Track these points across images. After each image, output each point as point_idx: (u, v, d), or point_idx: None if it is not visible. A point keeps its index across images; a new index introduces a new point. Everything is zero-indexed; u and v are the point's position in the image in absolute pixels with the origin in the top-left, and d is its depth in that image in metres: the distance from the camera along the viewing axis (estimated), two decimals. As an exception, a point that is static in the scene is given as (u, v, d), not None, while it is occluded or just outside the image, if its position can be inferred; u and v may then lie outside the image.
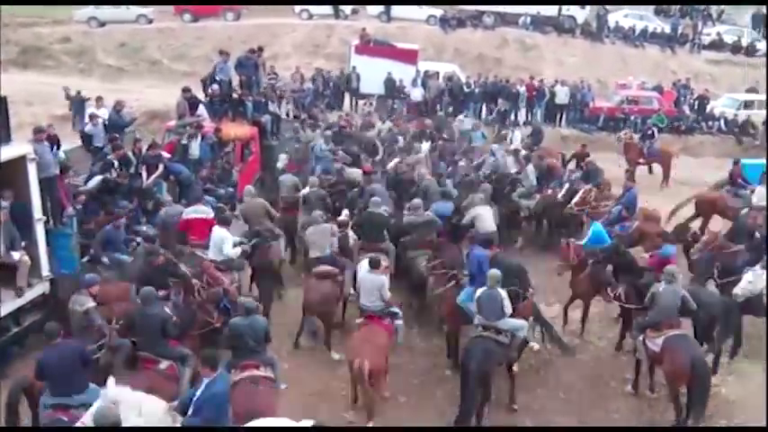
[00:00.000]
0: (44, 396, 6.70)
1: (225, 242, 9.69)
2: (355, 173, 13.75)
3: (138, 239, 10.39)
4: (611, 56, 29.38)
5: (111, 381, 5.99)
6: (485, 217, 11.22)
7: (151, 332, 7.46)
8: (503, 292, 8.33)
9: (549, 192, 14.17)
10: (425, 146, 16.16)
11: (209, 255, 9.70)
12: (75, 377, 6.66)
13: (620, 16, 31.54)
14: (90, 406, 6.01)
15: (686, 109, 24.28)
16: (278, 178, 13.45)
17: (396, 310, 9.13)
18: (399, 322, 9.10)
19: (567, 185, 14.13)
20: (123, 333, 7.84)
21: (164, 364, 7.40)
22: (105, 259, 9.57)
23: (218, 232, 9.77)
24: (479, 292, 8.49)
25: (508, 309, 8.36)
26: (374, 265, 8.97)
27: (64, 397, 6.58)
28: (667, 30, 30.95)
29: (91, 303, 7.71)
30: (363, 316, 8.92)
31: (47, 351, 6.79)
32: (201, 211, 10.51)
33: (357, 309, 9.46)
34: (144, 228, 11.13)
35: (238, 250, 9.86)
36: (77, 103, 18.96)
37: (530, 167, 14.47)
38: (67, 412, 6.52)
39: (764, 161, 16.99)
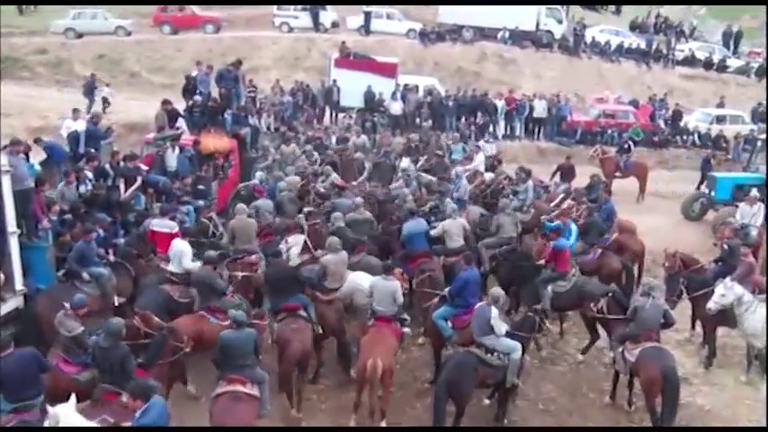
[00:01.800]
0: (1, 403, 6.77)
1: (184, 255, 9.58)
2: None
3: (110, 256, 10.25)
4: (589, 70, 29.81)
5: (72, 398, 6.14)
6: (452, 231, 11.25)
7: (112, 367, 7.09)
8: (494, 311, 8.33)
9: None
10: (406, 162, 16.10)
11: (170, 267, 9.64)
12: (32, 381, 6.85)
13: (596, 31, 32.11)
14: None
15: (661, 123, 24.69)
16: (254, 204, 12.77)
17: (406, 316, 9.29)
18: (407, 330, 9.26)
19: (562, 197, 14.29)
20: None
21: (125, 397, 6.81)
22: (85, 274, 9.43)
23: (178, 244, 9.69)
24: (476, 307, 8.64)
25: (498, 328, 8.31)
26: (387, 271, 9.17)
27: (22, 401, 6.74)
28: (642, 45, 31.53)
29: (80, 329, 7.58)
30: (374, 318, 8.98)
31: (2, 361, 6.83)
32: (167, 225, 10.48)
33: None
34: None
35: (197, 264, 9.58)
36: (88, 87, 20.99)
37: (530, 183, 14.55)
38: (29, 413, 6.73)
39: (736, 175, 17.44)
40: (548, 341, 10.75)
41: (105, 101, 21.68)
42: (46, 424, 6.08)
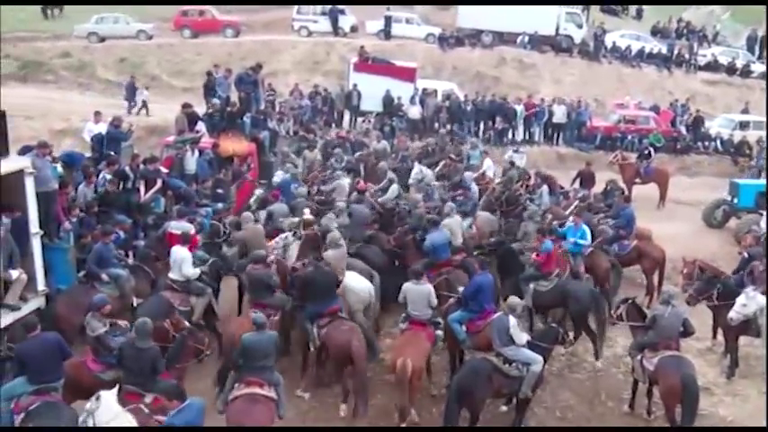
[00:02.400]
0: (19, 384, 6.99)
1: (184, 262, 9.51)
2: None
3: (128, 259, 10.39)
4: (609, 75, 29.59)
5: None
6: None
7: (141, 368, 7.15)
8: (512, 320, 8.28)
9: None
10: (417, 168, 15.79)
11: (170, 274, 9.61)
12: (54, 365, 7.08)
13: (616, 36, 31.84)
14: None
15: (683, 129, 24.42)
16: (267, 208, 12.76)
17: (439, 320, 9.29)
18: (440, 333, 9.25)
19: (575, 203, 14.19)
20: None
21: (149, 398, 7.01)
22: (104, 276, 9.51)
23: (178, 251, 9.61)
24: (494, 317, 8.61)
25: (518, 338, 8.25)
26: (417, 275, 9.17)
27: (44, 383, 6.97)
28: (664, 50, 31.23)
29: (102, 329, 7.70)
30: (409, 322, 9.06)
31: (26, 343, 7.15)
32: (184, 227, 10.44)
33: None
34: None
35: (197, 271, 9.62)
36: (129, 89, 21.61)
37: (545, 188, 14.44)
38: (50, 395, 6.96)
39: (760, 182, 17.15)
40: (565, 348, 10.65)
41: (144, 104, 21.90)
42: (87, 406, 6.31)
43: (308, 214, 11.69)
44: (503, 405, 8.93)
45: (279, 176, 14.83)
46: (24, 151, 10.03)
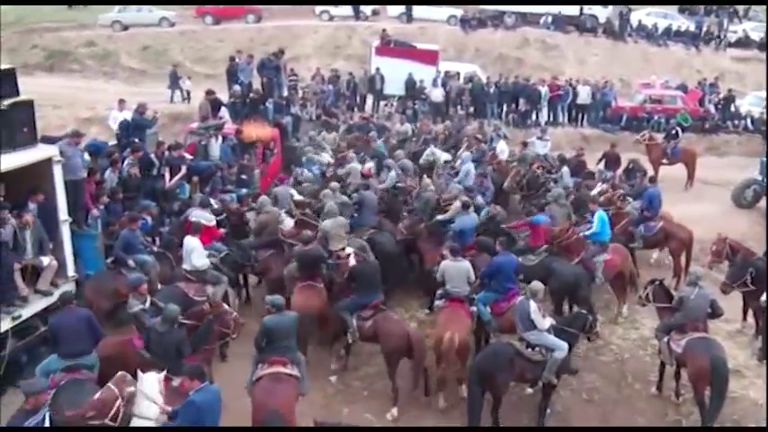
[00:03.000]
0: (53, 361, 7.27)
1: (194, 252, 9.49)
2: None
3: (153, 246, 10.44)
4: (634, 55, 29.07)
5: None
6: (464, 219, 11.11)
7: (166, 351, 7.33)
8: (533, 305, 8.19)
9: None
10: (429, 150, 15.64)
11: (184, 265, 9.58)
12: (84, 340, 7.35)
13: (642, 15, 31.22)
14: (92, 368, 7.28)
15: (711, 108, 23.93)
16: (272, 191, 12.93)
17: (474, 296, 9.33)
18: (474, 309, 9.28)
19: (599, 185, 14.02)
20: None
21: (176, 381, 7.06)
22: (131, 262, 9.64)
23: (189, 242, 9.58)
24: (517, 301, 8.59)
25: (539, 323, 8.17)
26: (456, 252, 9.31)
27: (74, 358, 7.25)
28: (692, 28, 30.55)
29: (137, 307, 7.94)
30: (446, 299, 9.17)
31: (60, 314, 7.49)
32: (205, 216, 10.52)
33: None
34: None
35: (206, 262, 9.60)
36: (172, 78, 22.02)
37: (565, 169, 14.31)
38: (79, 372, 7.20)
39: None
40: (590, 340, 10.51)
41: (187, 93, 22.13)
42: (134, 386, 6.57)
43: (296, 195, 12.12)
44: (528, 387, 8.90)
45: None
46: (47, 141, 10.14)
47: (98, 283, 9.41)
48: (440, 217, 11.53)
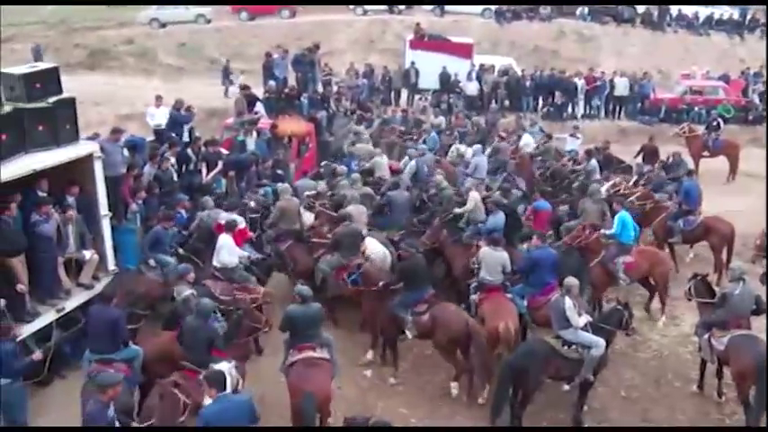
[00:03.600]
0: (88, 353, 7.51)
1: (222, 249, 9.43)
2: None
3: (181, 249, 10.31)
4: (674, 45, 28.43)
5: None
6: (479, 204, 11.13)
7: (197, 345, 7.37)
8: (568, 302, 8.04)
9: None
10: (463, 148, 15.39)
11: (213, 261, 9.53)
12: (108, 339, 7.45)
13: (683, 3, 30.44)
14: (131, 361, 7.45)
15: (755, 98, 23.25)
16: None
17: (508, 283, 9.36)
18: (517, 297, 9.28)
19: (635, 178, 13.77)
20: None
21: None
22: (151, 261, 9.68)
23: (221, 239, 9.52)
24: (552, 298, 8.51)
25: (574, 320, 8.01)
26: (495, 243, 9.36)
27: (99, 354, 7.42)
28: (736, 16, 29.69)
29: (187, 291, 8.10)
30: (483, 290, 9.20)
31: (92, 309, 7.69)
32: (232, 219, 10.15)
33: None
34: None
35: (234, 260, 9.48)
36: (225, 73, 22.84)
37: (593, 162, 14.13)
38: (111, 365, 7.29)
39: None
40: (627, 334, 10.33)
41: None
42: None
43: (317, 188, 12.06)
44: (565, 384, 8.77)
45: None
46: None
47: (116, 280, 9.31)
48: (458, 210, 11.20)
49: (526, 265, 9.27)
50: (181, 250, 10.15)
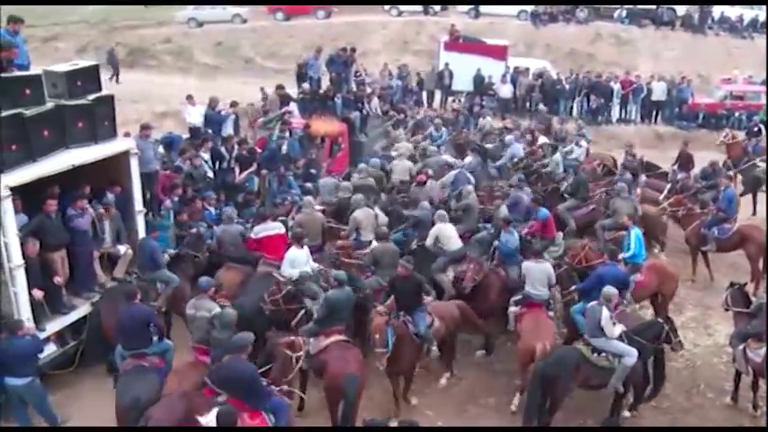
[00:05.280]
0: (119, 348, 7.72)
1: (288, 261, 9.05)
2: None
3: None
4: (715, 49, 27.82)
5: None
6: (448, 235, 10.03)
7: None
8: (605, 312, 7.91)
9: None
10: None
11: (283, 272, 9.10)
12: (142, 335, 7.56)
13: (726, 5, 29.75)
14: (163, 354, 7.65)
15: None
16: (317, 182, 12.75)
17: (551, 300, 9.28)
18: (551, 313, 9.22)
19: (669, 185, 13.54)
20: None
21: (222, 398, 6.86)
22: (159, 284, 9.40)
23: (289, 252, 9.16)
24: (589, 305, 8.33)
25: (609, 331, 7.88)
26: (537, 255, 9.24)
27: (130, 350, 7.54)
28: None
29: (218, 308, 7.69)
30: (524, 305, 9.04)
31: (123, 308, 7.81)
32: (271, 228, 9.86)
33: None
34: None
35: (295, 272, 8.95)
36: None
37: (556, 156, 14.21)
38: (144, 359, 7.50)
39: None
40: (674, 349, 10.07)
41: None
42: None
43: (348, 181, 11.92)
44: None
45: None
46: None
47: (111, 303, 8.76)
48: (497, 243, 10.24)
49: (590, 283, 8.92)
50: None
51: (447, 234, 9.97)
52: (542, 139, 16.17)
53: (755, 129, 18.24)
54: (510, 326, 9.27)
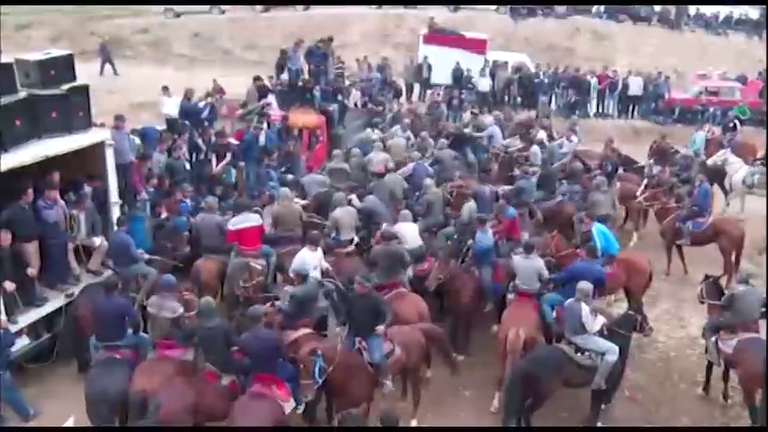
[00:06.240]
0: (93, 339, 7.70)
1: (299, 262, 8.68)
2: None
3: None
4: (690, 45, 28.20)
5: None
6: (404, 233, 9.83)
7: (214, 346, 7.22)
8: (585, 307, 7.91)
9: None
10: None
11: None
12: (117, 327, 7.54)
13: (725, 5, 30.02)
14: (136, 347, 7.59)
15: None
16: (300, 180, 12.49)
17: (544, 291, 9.16)
18: (546, 306, 9.05)
19: (646, 180, 13.68)
20: None
21: (226, 380, 7.21)
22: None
23: (300, 254, 8.85)
24: (566, 303, 8.27)
25: (591, 326, 7.90)
26: (528, 250, 9.11)
27: (104, 342, 7.50)
28: (755, 15, 29.34)
29: (181, 309, 7.66)
30: (516, 294, 9.08)
31: (100, 299, 7.71)
32: (249, 219, 9.68)
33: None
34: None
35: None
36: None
37: (492, 128, 14.67)
38: (119, 351, 7.45)
39: None
40: (645, 335, 10.18)
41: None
42: None
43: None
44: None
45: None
46: None
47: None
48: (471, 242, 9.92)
49: (565, 276, 8.97)
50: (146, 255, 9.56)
51: (403, 232, 9.80)
52: (541, 134, 16.11)
53: (731, 124, 18.53)
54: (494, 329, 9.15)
